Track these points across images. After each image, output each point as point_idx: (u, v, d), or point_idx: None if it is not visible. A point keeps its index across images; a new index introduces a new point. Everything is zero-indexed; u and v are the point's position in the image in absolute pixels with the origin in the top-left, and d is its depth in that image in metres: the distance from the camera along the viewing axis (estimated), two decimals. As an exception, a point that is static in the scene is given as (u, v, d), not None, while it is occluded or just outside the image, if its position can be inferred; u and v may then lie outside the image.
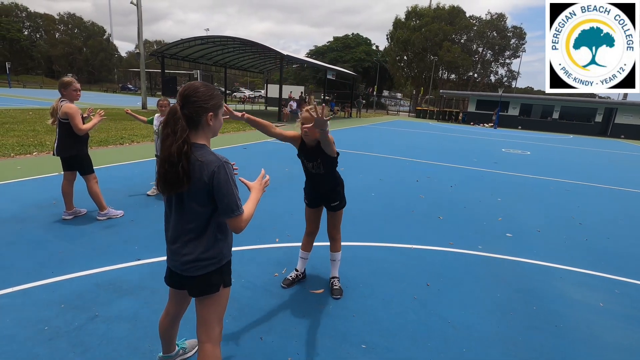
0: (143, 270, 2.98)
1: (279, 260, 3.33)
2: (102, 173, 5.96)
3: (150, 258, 3.18)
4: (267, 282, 2.95)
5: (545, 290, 3.16)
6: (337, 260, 2.93)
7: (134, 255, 3.20)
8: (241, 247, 3.54)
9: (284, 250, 3.56)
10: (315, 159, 2.57)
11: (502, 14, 44.36)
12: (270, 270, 3.13)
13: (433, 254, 3.76)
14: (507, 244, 4.18)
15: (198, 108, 1.45)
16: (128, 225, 3.90)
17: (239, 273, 3.04)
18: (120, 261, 3.10)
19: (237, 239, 3.72)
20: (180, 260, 1.57)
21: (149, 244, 3.46)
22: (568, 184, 7.96)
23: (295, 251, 3.51)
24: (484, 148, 14.05)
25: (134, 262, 3.09)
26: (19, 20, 62.73)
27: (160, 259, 3.17)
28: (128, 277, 2.87)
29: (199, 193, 1.48)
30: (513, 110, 30.78)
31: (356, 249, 3.75)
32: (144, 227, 3.88)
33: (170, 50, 20.61)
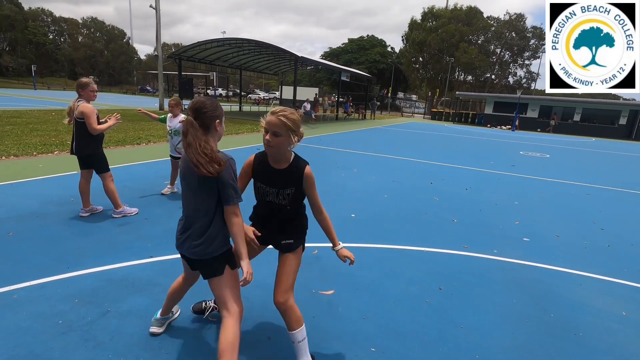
0: (155, 268, 3.02)
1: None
2: (119, 172, 6.10)
3: (163, 256, 3.22)
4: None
5: (564, 297, 3.04)
6: (302, 340, 1.96)
7: (147, 253, 3.25)
8: (252, 247, 3.54)
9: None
10: (282, 187, 1.94)
11: (521, 14, 43.55)
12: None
13: (446, 257, 3.68)
14: (524, 248, 4.06)
15: (209, 117, 1.76)
16: (142, 223, 3.97)
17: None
18: (134, 258, 3.15)
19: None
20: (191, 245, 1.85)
21: (162, 242, 3.50)
22: (589, 188, 7.69)
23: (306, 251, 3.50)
24: (502, 151, 13.75)
25: (146, 259, 3.13)
26: (45, 24, 65.16)
27: (172, 257, 3.20)
28: (140, 274, 2.91)
29: (208, 184, 1.75)
30: (532, 113, 30.03)
31: (368, 250, 3.70)
32: (158, 225, 3.94)
33: (187, 52, 20.98)
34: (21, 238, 3.39)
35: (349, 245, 3.70)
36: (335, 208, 4.96)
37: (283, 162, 1.94)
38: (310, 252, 3.51)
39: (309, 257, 3.41)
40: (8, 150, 7.12)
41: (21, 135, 9.07)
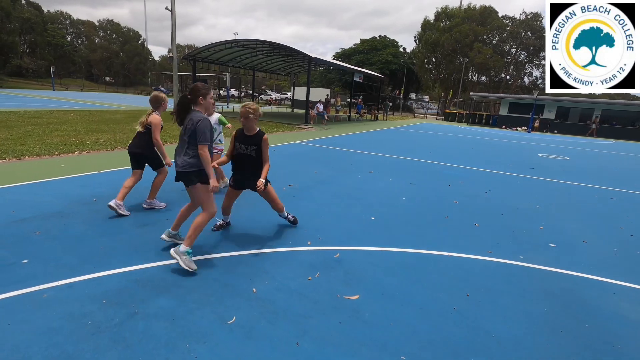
0: (180, 269, 3.02)
1: (311, 264, 3.28)
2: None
3: (203, 255, 3.21)
4: (301, 285, 2.91)
5: (598, 306, 2.93)
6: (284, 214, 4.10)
7: (168, 255, 3.25)
8: (273, 249, 3.52)
9: (316, 253, 3.51)
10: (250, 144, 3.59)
11: (537, 13, 42.62)
12: (304, 273, 3.09)
13: (471, 262, 3.59)
14: (551, 254, 3.94)
15: (196, 93, 3.08)
16: (164, 223, 3.98)
17: (272, 275, 3.02)
18: (157, 259, 3.16)
19: (268, 241, 3.74)
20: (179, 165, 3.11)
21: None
22: (613, 192, 7.46)
23: (327, 255, 3.46)
24: (519, 153, 13.47)
25: (169, 261, 3.13)
26: (63, 27, 66.77)
27: (195, 258, 3.20)
28: (165, 275, 2.91)
29: (189, 130, 3.00)
30: (549, 114, 29.40)
31: (391, 254, 3.64)
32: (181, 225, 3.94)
33: (201, 53, 21.20)
34: (48, 237, 3.45)
35: (370, 249, 3.65)
36: (355, 211, 4.91)
37: (251, 131, 3.59)
38: (332, 256, 3.47)
39: (331, 261, 3.37)
40: (31, 150, 7.27)
41: (42, 135, 9.28)
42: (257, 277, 2.96)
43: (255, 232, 3.93)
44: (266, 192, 3.71)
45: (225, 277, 2.94)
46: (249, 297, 2.68)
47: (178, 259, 2.93)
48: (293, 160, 8.59)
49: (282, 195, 5.39)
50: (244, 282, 2.87)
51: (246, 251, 3.42)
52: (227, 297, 2.66)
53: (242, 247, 3.51)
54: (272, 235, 3.87)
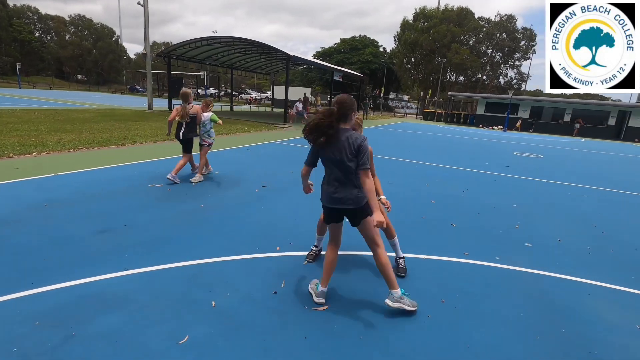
0: (131, 281, 2.74)
1: (279, 271, 3.07)
2: (99, 174, 5.78)
3: (140, 267, 2.94)
4: (267, 296, 2.69)
5: (574, 308, 2.85)
6: (396, 244, 3.24)
7: (123, 264, 2.96)
8: (239, 256, 3.28)
9: (285, 260, 3.30)
10: None
11: (511, 15, 43.84)
12: (271, 283, 2.87)
13: (447, 265, 3.47)
14: (527, 254, 3.87)
15: (347, 109, 2.49)
16: (122, 230, 3.68)
17: (235, 285, 2.78)
18: (108, 270, 2.87)
19: (233, 247, 3.50)
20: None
21: (141, 251, 3.22)
22: (585, 189, 7.59)
23: (297, 260, 3.26)
24: (495, 151, 13.68)
25: (122, 272, 2.85)
26: (30, 22, 63.64)
27: (150, 269, 2.92)
28: (115, 289, 2.63)
29: (351, 153, 2.48)
30: (523, 113, 30.22)
31: (364, 259, 3.46)
32: (139, 232, 3.65)
33: (176, 51, 20.56)
34: (-16, 249, 3.09)
35: (342, 254, 3.47)
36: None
37: None
38: (302, 262, 3.27)
39: (301, 268, 3.16)
40: (-18, 151, 6.72)
41: (-2, 135, 8.65)
42: (219, 289, 2.72)
43: (220, 237, 3.68)
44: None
45: (184, 289, 2.68)
46: (207, 312, 2.44)
47: (402, 306, 2.52)
48: (269, 160, 8.34)
49: (253, 197, 5.15)
50: (203, 295, 2.63)
51: (208, 259, 3.17)
52: (184, 312, 2.41)
53: (204, 254, 3.25)
54: (239, 241, 3.62)
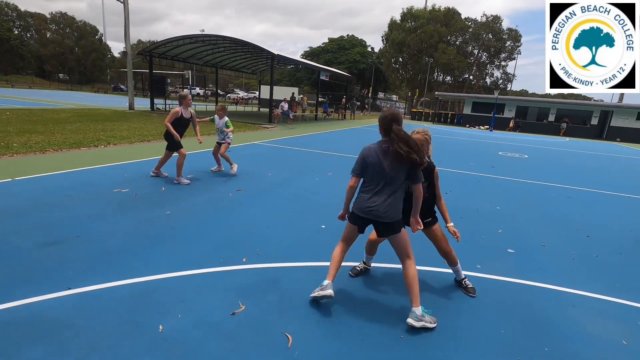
0: (71, 303, 2.44)
1: (242, 287, 2.80)
2: (62, 179, 5.41)
3: (85, 286, 2.63)
4: (224, 318, 2.42)
5: (558, 322, 2.67)
6: (457, 269, 3.03)
7: (65, 283, 2.66)
8: (200, 270, 3.00)
9: (250, 273, 3.03)
10: None
11: (497, 16, 44.30)
12: (231, 302, 2.60)
13: (425, 275, 3.26)
14: (510, 262, 3.69)
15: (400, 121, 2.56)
16: (73, 242, 3.35)
17: (189, 305, 2.51)
18: (47, 290, 2.56)
19: (192, 259, 3.21)
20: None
21: (90, 267, 2.91)
22: (569, 190, 7.52)
23: (264, 275, 2.99)
24: (481, 151, 13.63)
25: (63, 292, 2.55)
26: (9, 19, 61.60)
27: (97, 287, 2.62)
28: (50, 313, 2.33)
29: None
30: (509, 113, 30.52)
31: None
32: (92, 244, 3.33)
33: (158, 49, 19.99)
34: None
35: (315, 265, 3.23)
36: (304, 218, 4.47)
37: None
38: (269, 276, 3.01)
39: (267, 282, 2.90)
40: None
41: (-40, 137, 8.14)
42: (170, 310, 2.44)
43: (182, 249, 3.39)
44: (431, 232, 2.96)
45: (129, 312, 2.39)
46: (151, 339, 2.16)
47: (424, 324, 2.41)
48: (248, 162, 8.03)
49: (227, 202, 4.87)
50: (150, 318, 2.34)
51: (164, 274, 2.88)
52: (124, 340, 2.13)
53: (161, 269, 2.96)
54: (202, 252, 3.34)
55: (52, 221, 3.77)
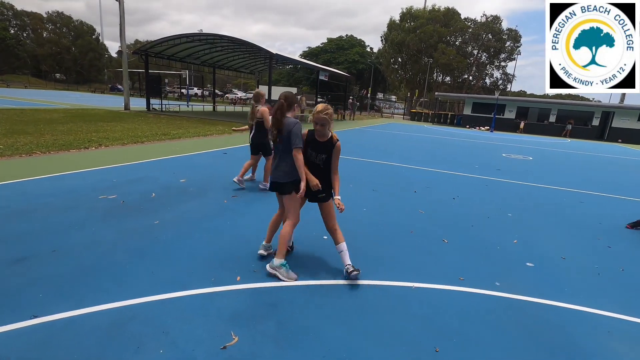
0: (36, 336, 2.10)
1: (235, 312, 2.46)
2: (45, 184, 5.05)
3: (53, 314, 2.29)
4: (213, 353, 2.08)
5: (592, 351, 2.34)
6: (344, 250, 3.08)
7: (31, 309, 2.31)
8: (187, 292, 2.66)
9: (244, 295, 2.69)
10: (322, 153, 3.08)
11: (497, 16, 44.02)
12: (222, 332, 2.26)
13: (440, 295, 2.92)
14: (530, 278, 3.36)
15: (291, 101, 3.02)
16: (46, 257, 3.01)
17: (172, 337, 2.17)
18: (8, 319, 2.21)
19: (183, 279, 2.85)
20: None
21: (60, 290, 2.56)
22: (580, 194, 7.21)
23: (260, 296, 2.65)
24: (484, 153, 13.33)
25: (27, 322, 2.20)
26: (5, 18, 61.05)
27: (67, 315, 2.28)
28: (5, 349, 1.98)
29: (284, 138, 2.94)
30: (509, 114, 30.29)
31: (341, 290, 2.88)
32: (67, 260, 2.99)
33: (154, 48, 19.63)
34: None
35: (315, 284, 2.89)
36: (304, 228, 4.13)
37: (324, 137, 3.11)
38: (265, 298, 2.67)
39: (263, 306, 2.56)
40: None
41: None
42: (150, 342, 2.10)
43: (169, 265, 3.05)
44: (323, 207, 3.18)
45: (103, 344, 2.05)
46: (125, 383, 1.82)
47: (277, 274, 2.90)
48: (245, 164, 7.68)
49: (220, 209, 4.53)
50: (126, 354, 2.00)
51: (147, 297, 2.54)
52: None
53: (143, 290, 2.62)
54: (191, 270, 3.00)
55: (25, 232, 3.42)
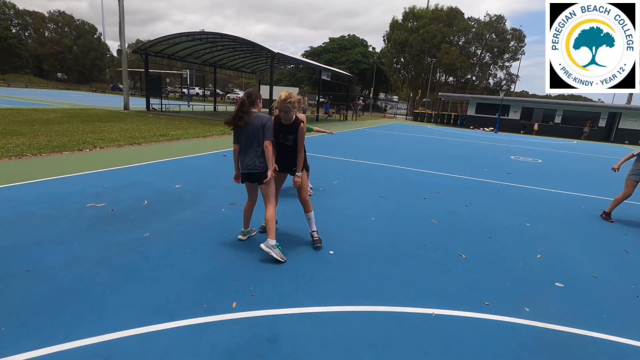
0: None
1: (229, 351, 2.11)
2: (29, 190, 4.70)
3: (13, 354, 1.93)
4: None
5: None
6: (312, 217, 3.66)
7: (-12, 348, 1.97)
8: (174, 323, 2.30)
9: (240, 326, 2.34)
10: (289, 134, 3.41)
11: (501, 15, 43.54)
12: (211, 374, 1.91)
13: (464, 325, 2.56)
14: (562, 301, 3.00)
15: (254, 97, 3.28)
16: (17, 278, 2.66)
17: (153, 386, 1.81)
18: (-40, 361, 1.87)
19: (171, 307, 2.34)
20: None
21: (27, 321, 2.22)
22: (599, 202, 6.83)
23: (260, 326, 2.29)
24: (492, 155, 12.95)
25: (-20, 365, 1.86)
26: (7, 17, 60.95)
27: (30, 356, 1.93)
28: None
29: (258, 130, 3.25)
30: (514, 114, 29.86)
31: (353, 319, 2.53)
32: (40, 281, 2.64)
33: (154, 47, 19.32)
34: None
35: (323, 311, 2.54)
36: (308, 242, 3.78)
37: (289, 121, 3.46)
38: (265, 330, 2.31)
39: (263, 340, 2.21)
40: None
41: None
42: (124, 395, 1.75)
43: (156, 288, 2.69)
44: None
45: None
46: None
47: (271, 252, 3.12)
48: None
49: (217, 219, 4.18)
50: (94, 410, 1.65)
51: (127, 331, 2.19)
52: None
53: (123, 321, 2.27)
54: (181, 294, 2.65)
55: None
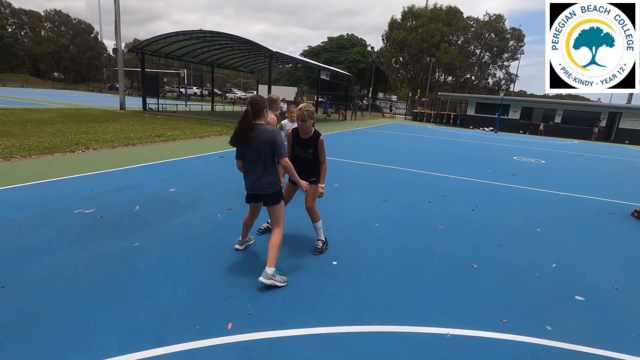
0: None
1: (223, 381, 1.87)
2: (12, 194, 4.45)
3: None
4: None
5: None
6: (320, 227, 3.55)
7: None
8: (159, 350, 2.06)
9: (237, 351, 2.10)
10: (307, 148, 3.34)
11: (500, 15, 43.38)
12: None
13: (483, 347, 2.33)
14: (585, 317, 2.78)
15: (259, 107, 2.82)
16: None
17: None
18: None
19: (157, 330, 1.91)
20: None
21: (9, 337, 1.98)
22: (607, 204, 6.62)
23: (258, 350, 2.05)
24: (494, 156, 12.74)
25: None
26: (3, 16, 60.42)
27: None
28: None
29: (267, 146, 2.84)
30: (514, 114, 29.69)
31: (356, 339, 2.29)
32: (17, 300, 2.40)
33: (150, 46, 19.03)
34: None
35: (325, 332, 2.30)
36: (309, 252, 3.54)
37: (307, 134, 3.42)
38: (263, 354, 2.08)
39: None
40: None
41: None
42: None
43: (142, 307, 2.46)
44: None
45: None
46: None
47: (273, 282, 2.77)
48: (243, 170, 7.10)
49: (212, 226, 3.93)
50: None
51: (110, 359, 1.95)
52: None
53: (102, 350, 2.03)
54: (169, 314, 2.41)
55: (-26, 261, 2.84)
